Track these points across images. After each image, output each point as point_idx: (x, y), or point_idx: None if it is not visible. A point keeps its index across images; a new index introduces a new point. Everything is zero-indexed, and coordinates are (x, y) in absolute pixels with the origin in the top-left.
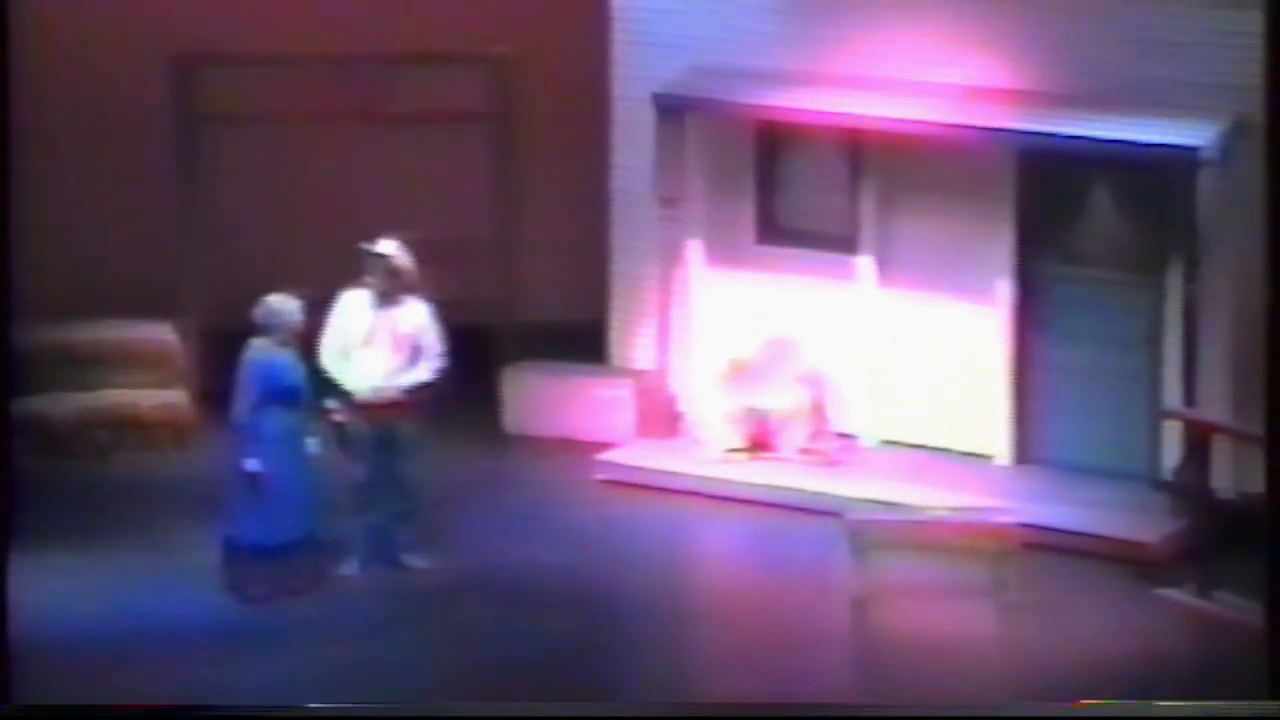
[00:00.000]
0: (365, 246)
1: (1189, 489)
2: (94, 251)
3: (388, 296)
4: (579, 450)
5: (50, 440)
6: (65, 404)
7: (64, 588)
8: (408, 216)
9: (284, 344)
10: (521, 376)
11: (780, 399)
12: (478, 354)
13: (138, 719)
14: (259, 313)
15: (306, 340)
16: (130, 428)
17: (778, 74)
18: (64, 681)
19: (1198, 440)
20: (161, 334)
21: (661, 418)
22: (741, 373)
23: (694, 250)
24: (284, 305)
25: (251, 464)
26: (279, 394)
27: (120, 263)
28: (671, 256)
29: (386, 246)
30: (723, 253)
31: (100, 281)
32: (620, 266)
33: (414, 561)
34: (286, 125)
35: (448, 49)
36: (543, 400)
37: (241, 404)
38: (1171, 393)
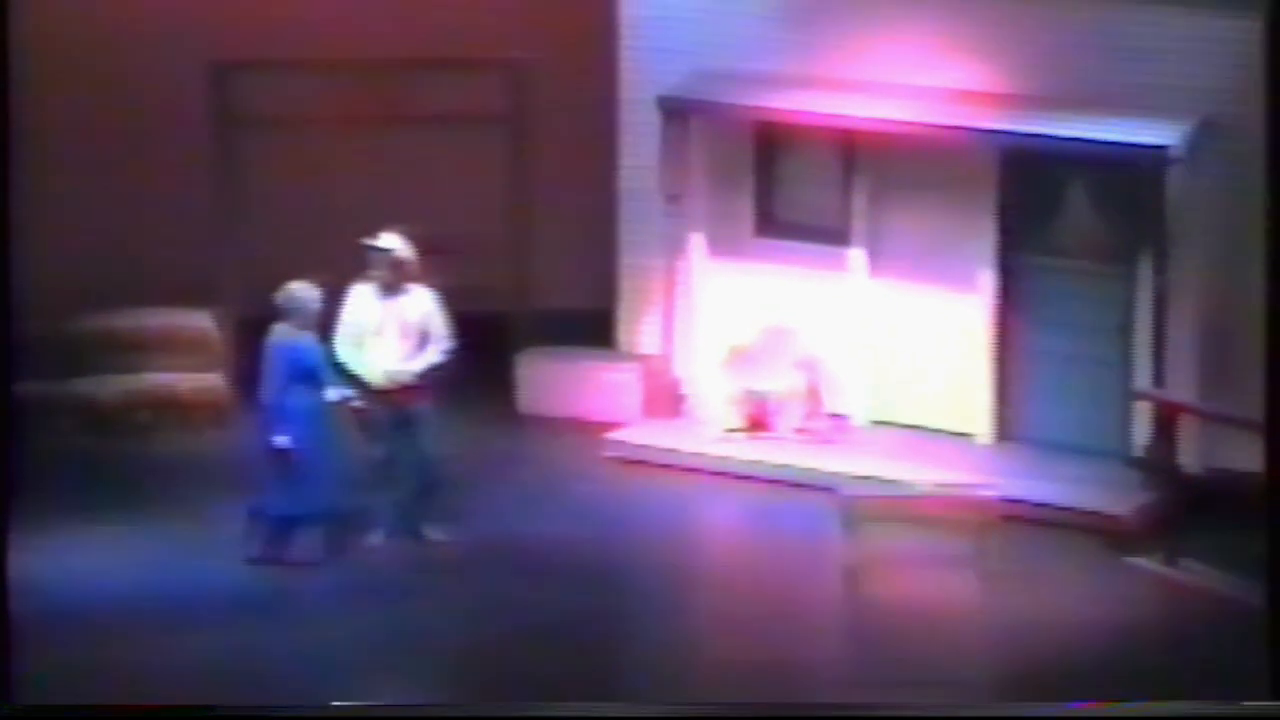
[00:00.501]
0: (368, 241)
1: (1158, 465)
2: (136, 244)
3: (393, 287)
4: (588, 430)
5: (96, 420)
6: (110, 386)
7: (107, 557)
8: (428, 212)
9: (305, 328)
10: (535, 361)
11: (777, 382)
12: (493, 340)
13: (139, 719)
14: (282, 299)
15: (324, 327)
16: (170, 408)
17: (775, 77)
18: (102, 646)
19: (1166, 420)
20: (200, 321)
21: (666, 399)
22: (741, 358)
23: (696, 243)
24: (305, 292)
25: (281, 441)
26: (302, 375)
27: (161, 255)
28: (675, 249)
29: (388, 240)
30: (723, 245)
31: (142, 272)
32: (627, 258)
33: (434, 534)
34: (316, 127)
35: (467, 55)
36: (554, 383)
37: (269, 385)
38: (1142, 375)
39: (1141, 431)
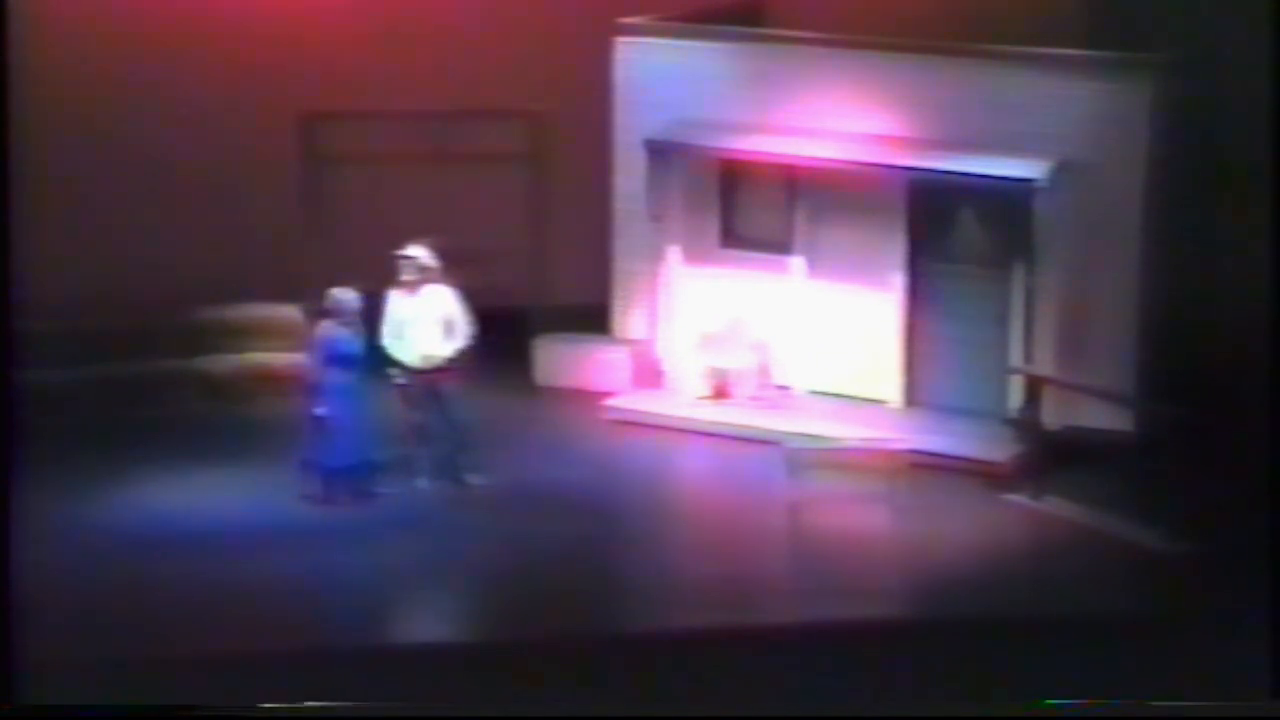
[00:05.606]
0: (397, 252)
1: (1027, 423)
2: (241, 254)
3: (420, 287)
4: (590, 398)
5: (211, 389)
6: (222, 363)
7: (215, 490)
8: (467, 230)
9: (345, 324)
10: (548, 344)
11: (736, 360)
12: (517, 328)
13: (139, 719)
14: (328, 302)
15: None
16: (266, 381)
17: (735, 125)
18: (200, 557)
19: (1033, 388)
20: (290, 313)
21: (650, 374)
22: (708, 341)
23: (674, 252)
24: (345, 295)
25: (319, 410)
26: (339, 360)
27: (260, 262)
28: (658, 257)
29: (415, 249)
30: (695, 254)
31: (246, 276)
32: (621, 264)
33: (474, 480)
34: (380, 163)
35: (497, 107)
36: (564, 361)
37: (311, 367)
38: (1015, 354)
39: (1015, 397)
